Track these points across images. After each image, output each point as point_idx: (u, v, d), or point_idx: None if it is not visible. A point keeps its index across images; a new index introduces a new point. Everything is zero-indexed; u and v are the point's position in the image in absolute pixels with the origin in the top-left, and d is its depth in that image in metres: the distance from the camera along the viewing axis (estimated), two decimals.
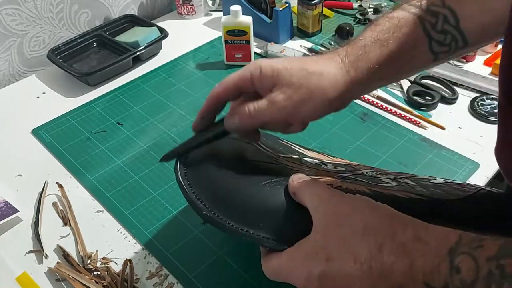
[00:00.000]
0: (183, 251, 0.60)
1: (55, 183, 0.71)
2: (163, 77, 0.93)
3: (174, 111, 0.84)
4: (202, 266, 0.59)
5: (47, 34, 0.99)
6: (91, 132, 0.81)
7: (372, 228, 0.39)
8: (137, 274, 0.58)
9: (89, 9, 1.03)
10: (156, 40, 0.97)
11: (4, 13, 0.90)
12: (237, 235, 0.45)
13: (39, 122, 0.83)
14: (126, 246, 0.62)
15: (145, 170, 0.73)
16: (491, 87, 0.84)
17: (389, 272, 0.37)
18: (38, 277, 0.59)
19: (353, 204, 0.42)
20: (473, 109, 0.81)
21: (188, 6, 1.10)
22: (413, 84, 0.87)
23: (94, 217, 0.66)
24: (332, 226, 0.41)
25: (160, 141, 0.78)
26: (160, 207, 0.66)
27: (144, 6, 1.13)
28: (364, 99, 0.84)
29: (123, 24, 1.04)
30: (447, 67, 0.90)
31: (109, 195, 0.69)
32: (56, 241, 0.63)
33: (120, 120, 0.83)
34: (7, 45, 0.93)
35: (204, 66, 0.96)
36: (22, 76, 0.98)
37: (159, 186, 0.70)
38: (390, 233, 0.38)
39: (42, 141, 0.79)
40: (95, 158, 0.75)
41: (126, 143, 0.78)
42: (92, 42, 1.00)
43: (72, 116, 0.85)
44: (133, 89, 0.91)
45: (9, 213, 0.65)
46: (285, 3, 0.97)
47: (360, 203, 0.42)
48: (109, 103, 0.87)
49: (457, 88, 0.85)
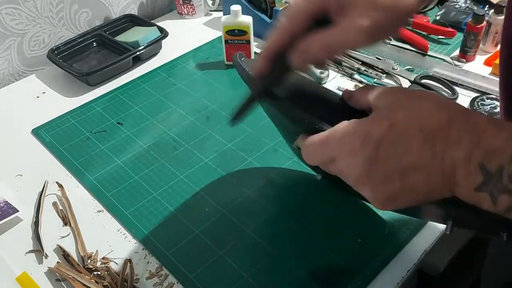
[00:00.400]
0: (183, 251, 0.60)
1: (55, 183, 0.71)
2: (163, 77, 0.93)
3: (174, 111, 0.84)
4: (202, 266, 0.59)
5: (47, 34, 0.99)
6: (91, 132, 0.81)
7: (447, 106, 0.37)
8: (137, 274, 0.58)
9: (89, 8, 1.03)
10: (156, 40, 0.97)
11: (4, 12, 0.90)
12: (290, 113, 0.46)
13: (39, 122, 0.83)
14: (126, 246, 0.62)
15: (145, 170, 0.73)
16: (491, 87, 0.84)
17: (450, 148, 0.35)
18: (38, 277, 0.59)
19: (423, 91, 0.40)
20: (473, 108, 0.80)
21: (188, 6, 1.10)
22: (413, 84, 0.87)
23: (94, 217, 0.66)
24: (401, 102, 0.38)
25: (160, 140, 0.78)
26: (160, 207, 0.66)
27: (144, 6, 1.13)
28: None
29: (123, 24, 1.04)
30: (447, 67, 0.90)
31: (109, 195, 0.69)
32: (56, 241, 0.63)
33: (120, 120, 0.83)
34: (7, 44, 0.93)
35: (204, 66, 0.96)
36: (22, 76, 0.98)
37: (159, 186, 0.70)
38: (465, 113, 0.37)
39: (42, 141, 0.79)
40: (95, 158, 0.75)
41: (126, 143, 0.78)
42: (92, 42, 1.00)
43: (72, 116, 0.85)
44: (133, 88, 0.91)
45: (9, 213, 0.65)
46: (285, 3, 0.97)
47: (430, 91, 0.40)
48: (109, 102, 0.87)
49: (457, 88, 0.85)
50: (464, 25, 0.94)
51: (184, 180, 0.70)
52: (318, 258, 0.59)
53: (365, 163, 0.38)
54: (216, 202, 0.66)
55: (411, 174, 0.37)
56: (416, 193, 0.38)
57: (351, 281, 0.56)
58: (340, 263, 0.58)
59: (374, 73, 0.89)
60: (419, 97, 0.39)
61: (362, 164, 0.38)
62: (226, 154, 0.74)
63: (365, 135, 0.38)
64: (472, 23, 0.89)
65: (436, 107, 0.37)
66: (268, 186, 0.69)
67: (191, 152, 0.75)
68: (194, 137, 0.78)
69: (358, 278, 0.56)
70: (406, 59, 0.93)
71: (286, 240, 0.61)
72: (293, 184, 0.69)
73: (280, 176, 0.70)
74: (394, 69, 0.90)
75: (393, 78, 0.89)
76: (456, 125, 0.36)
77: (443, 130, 0.36)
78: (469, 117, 0.36)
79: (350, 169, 0.40)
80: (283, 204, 0.66)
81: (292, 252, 0.59)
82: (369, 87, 0.45)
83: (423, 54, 0.95)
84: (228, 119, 0.48)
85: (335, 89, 0.87)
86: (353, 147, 0.38)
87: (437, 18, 1.02)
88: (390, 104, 0.39)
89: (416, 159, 0.36)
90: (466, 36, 0.90)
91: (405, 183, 0.37)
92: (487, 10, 0.99)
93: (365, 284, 0.56)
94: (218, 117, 0.82)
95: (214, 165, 0.72)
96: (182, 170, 0.72)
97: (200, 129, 0.80)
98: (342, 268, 0.57)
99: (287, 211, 0.65)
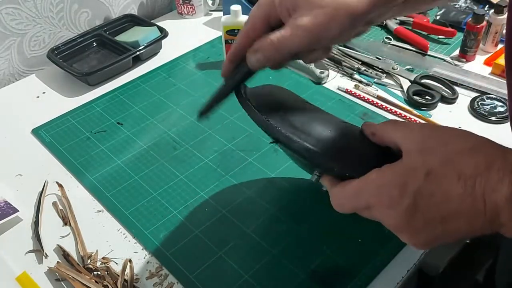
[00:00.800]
0: (183, 251, 0.60)
1: (55, 183, 0.71)
2: (163, 77, 0.93)
3: (174, 111, 0.84)
4: (202, 266, 0.59)
5: (47, 34, 0.99)
6: (91, 132, 0.81)
7: (482, 147, 0.37)
8: (137, 274, 0.58)
9: (89, 8, 1.03)
10: (156, 40, 0.97)
11: (4, 12, 0.90)
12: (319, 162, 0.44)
13: (39, 122, 0.83)
14: (126, 246, 0.62)
15: (145, 170, 0.73)
16: (491, 86, 0.84)
17: (491, 191, 0.35)
18: (38, 277, 0.59)
19: (454, 130, 0.39)
20: (473, 108, 0.80)
21: (188, 6, 1.10)
22: (413, 83, 0.87)
23: (94, 217, 0.66)
24: (433, 146, 0.38)
25: (160, 141, 0.78)
26: (160, 207, 0.66)
27: (144, 5, 1.13)
28: (364, 98, 0.84)
29: (123, 24, 1.04)
30: (447, 66, 0.90)
31: (109, 195, 0.69)
32: (56, 241, 0.63)
33: (120, 120, 0.83)
34: (7, 44, 0.93)
35: (204, 66, 0.96)
36: (22, 76, 0.98)
37: (159, 186, 0.70)
38: (501, 153, 0.36)
39: (42, 141, 0.79)
40: (95, 158, 0.75)
41: (126, 143, 0.78)
42: (92, 41, 1.00)
43: (72, 116, 0.85)
44: (133, 88, 0.91)
45: (9, 212, 0.65)
46: None
47: (461, 130, 0.39)
48: (109, 103, 0.87)
49: (457, 87, 0.85)
50: (464, 25, 0.94)
51: (184, 180, 0.70)
52: (318, 258, 0.59)
53: (404, 214, 0.38)
54: (216, 202, 0.66)
55: (453, 221, 0.37)
56: (458, 234, 0.38)
57: (351, 281, 0.56)
58: (340, 263, 0.58)
59: (374, 73, 0.89)
60: (450, 137, 0.38)
61: (401, 215, 0.38)
62: (226, 154, 0.74)
63: (401, 185, 0.37)
64: (472, 23, 0.89)
65: (471, 149, 0.37)
66: (268, 186, 0.69)
67: (191, 152, 0.75)
68: (194, 137, 0.78)
69: (358, 278, 0.56)
70: (406, 59, 0.93)
71: (286, 240, 0.61)
72: (293, 184, 0.69)
73: (280, 176, 0.70)
74: (394, 69, 0.90)
75: (393, 78, 0.89)
76: (494, 166, 0.35)
77: (482, 174, 0.35)
78: (507, 156, 0.36)
79: (388, 219, 0.39)
80: (283, 204, 0.66)
81: (292, 252, 0.59)
82: (393, 122, 0.44)
83: (423, 54, 0.95)
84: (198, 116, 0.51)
85: (335, 89, 0.87)
86: (391, 198, 0.38)
87: (437, 18, 1.02)
88: (422, 149, 0.38)
89: (457, 206, 0.36)
90: (466, 36, 0.90)
91: (447, 229, 0.37)
92: (487, 10, 0.99)
93: (365, 284, 0.56)
94: (218, 117, 0.82)
95: (214, 165, 0.72)
96: (182, 170, 0.72)
97: (200, 129, 0.80)
98: (342, 268, 0.57)
99: (287, 211, 0.65)
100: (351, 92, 0.86)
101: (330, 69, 0.91)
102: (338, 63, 0.92)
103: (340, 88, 0.87)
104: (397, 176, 0.38)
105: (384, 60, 0.92)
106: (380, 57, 0.93)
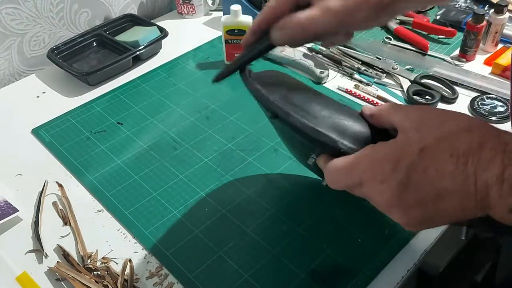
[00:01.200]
0: (183, 251, 0.60)
1: (55, 183, 0.71)
2: (163, 76, 0.93)
3: (174, 111, 0.84)
4: (202, 266, 0.59)
5: (47, 34, 0.99)
6: (91, 131, 0.81)
7: (476, 127, 0.37)
8: (137, 274, 0.58)
9: (89, 8, 1.03)
10: (156, 40, 0.97)
11: (4, 12, 0.90)
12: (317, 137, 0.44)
13: (39, 122, 0.83)
14: (126, 246, 0.62)
15: (145, 169, 0.73)
16: (491, 86, 0.84)
17: (482, 170, 0.35)
18: (38, 276, 0.59)
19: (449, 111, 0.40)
20: (473, 108, 0.80)
21: (188, 6, 1.10)
22: (413, 83, 0.87)
23: (94, 217, 0.66)
24: (429, 125, 0.38)
25: (160, 140, 0.78)
26: (160, 207, 0.66)
27: (144, 5, 1.13)
28: (364, 98, 0.84)
29: (123, 24, 1.04)
30: (447, 66, 0.90)
31: (109, 194, 0.69)
32: (56, 240, 0.63)
33: (120, 119, 0.83)
34: (7, 44, 0.93)
35: (204, 66, 0.96)
36: (22, 76, 0.98)
37: (159, 186, 0.70)
38: (495, 133, 0.36)
39: (42, 141, 0.79)
40: (95, 158, 0.75)
41: (126, 143, 0.78)
42: (92, 41, 1.00)
43: (72, 115, 0.85)
44: (133, 88, 0.91)
45: (9, 212, 0.65)
46: None
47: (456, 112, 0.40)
48: (109, 102, 0.87)
49: (457, 87, 0.85)
50: (464, 24, 0.94)
51: (184, 180, 0.70)
52: (318, 257, 0.59)
53: (396, 189, 0.38)
54: (216, 202, 0.66)
55: (444, 199, 0.37)
56: (449, 215, 0.38)
57: (351, 281, 0.56)
58: (340, 263, 0.58)
59: (374, 73, 0.89)
60: (446, 118, 0.39)
61: (393, 190, 0.38)
62: (226, 154, 0.74)
63: (395, 161, 0.37)
64: (472, 22, 0.89)
65: (466, 129, 0.37)
66: (268, 186, 0.69)
67: (191, 152, 0.75)
68: (194, 137, 0.78)
69: (358, 278, 0.56)
70: (406, 58, 0.93)
71: (286, 239, 0.61)
72: (293, 184, 0.69)
73: (280, 176, 0.70)
74: (394, 68, 0.90)
75: (393, 77, 0.89)
76: (487, 146, 0.35)
77: (475, 153, 0.35)
78: (499, 136, 0.36)
79: (380, 195, 0.39)
80: (283, 204, 0.66)
81: (292, 251, 0.60)
82: (392, 105, 0.44)
83: (423, 53, 0.95)
84: (213, 80, 0.52)
85: (335, 89, 0.87)
86: (384, 173, 0.38)
87: (437, 17, 1.02)
88: (417, 127, 0.39)
89: (449, 183, 0.36)
90: (466, 36, 0.90)
91: (438, 207, 0.37)
92: (487, 10, 0.99)
93: (365, 283, 0.56)
94: (218, 117, 0.82)
95: (214, 165, 0.72)
96: (182, 170, 0.72)
97: (200, 129, 0.80)
98: (342, 267, 0.57)
99: (287, 210, 0.65)
100: (351, 92, 0.86)
101: (330, 69, 0.91)
102: (338, 63, 0.92)
103: (340, 88, 0.87)
104: (391, 151, 0.38)
105: (384, 60, 0.92)
106: (380, 57, 0.93)
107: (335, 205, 0.64)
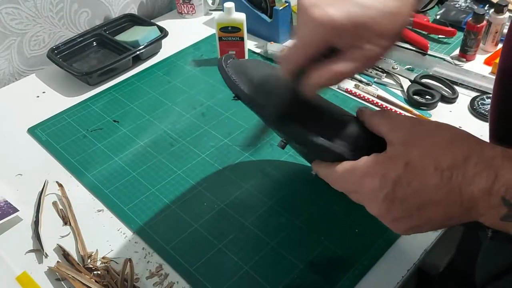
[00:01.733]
0: (183, 245, 0.61)
1: (55, 183, 0.71)
2: (158, 74, 0.94)
3: (170, 108, 0.85)
4: (202, 259, 0.59)
5: (47, 33, 0.99)
6: (87, 130, 0.81)
7: (461, 140, 0.39)
8: (137, 273, 0.58)
9: (89, 8, 1.03)
10: (156, 40, 0.97)
11: (4, 12, 0.90)
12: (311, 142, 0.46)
13: (39, 122, 0.83)
14: (126, 246, 0.62)
15: (143, 166, 0.73)
16: (491, 86, 0.84)
17: (468, 184, 0.36)
18: (38, 276, 0.59)
19: (436, 123, 0.41)
20: (473, 108, 0.80)
21: (188, 5, 1.10)
22: (413, 83, 0.87)
23: (94, 217, 0.66)
24: (414, 138, 0.40)
25: (157, 137, 0.78)
26: (159, 203, 0.67)
27: (144, 5, 1.13)
28: (364, 98, 0.84)
29: (123, 23, 1.04)
30: (447, 66, 0.90)
31: (107, 191, 0.69)
32: (56, 240, 0.63)
33: (116, 117, 0.83)
34: (7, 44, 0.93)
35: (198, 63, 0.96)
36: (22, 76, 0.98)
37: (157, 182, 0.70)
38: (479, 147, 0.37)
39: (38, 140, 0.79)
40: (92, 156, 0.75)
41: (123, 140, 0.78)
42: (92, 41, 1.00)
43: (68, 114, 0.85)
44: (128, 86, 0.91)
45: (9, 212, 0.65)
46: (285, 2, 0.97)
47: (443, 124, 0.41)
48: (105, 101, 0.87)
49: (457, 87, 0.85)
50: (464, 24, 0.94)
51: (182, 175, 0.71)
52: (316, 249, 0.59)
53: (384, 202, 0.40)
54: (214, 196, 0.67)
55: (429, 208, 0.39)
56: (435, 223, 0.40)
57: (349, 271, 0.57)
58: (338, 254, 0.59)
59: (374, 73, 0.89)
60: (432, 132, 0.40)
61: (381, 203, 0.40)
62: (222, 149, 0.75)
63: (382, 175, 0.40)
64: (472, 22, 0.89)
65: (450, 142, 0.38)
66: (265, 180, 0.69)
67: (187, 148, 0.75)
68: (190, 133, 0.78)
69: (356, 267, 0.57)
70: (406, 58, 0.93)
71: (284, 231, 0.62)
72: (290, 177, 0.70)
73: (276, 169, 0.71)
74: (394, 68, 0.90)
75: (393, 77, 0.89)
76: (471, 160, 0.36)
77: (459, 167, 0.37)
78: (484, 151, 0.37)
79: (371, 206, 0.42)
80: (280, 197, 0.66)
81: (290, 243, 0.60)
82: (381, 114, 0.45)
83: (423, 53, 0.95)
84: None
85: (336, 89, 0.87)
86: (372, 187, 0.40)
87: (437, 17, 1.02)
88: (404, 141, 0.40)
89: (433, 195, 0.38)
90: (466, 36, 0.90)
91: (424, 216, 0.39)
92: (487, 10, 0.99)
93: (363, 273, 0.57)
94: (213, 113, 0.82)
95: (211, 161, 0.73)
96: (180, 166, 0.72)
97: (196, 125, 0.80)
98: (340, 258, 0.58)
99: (285, 203, 0.65)
100: (351, 91, 0.86)
101: None
102: None
103: (340, 87, 0.87)
104: (379, 166, 0.40)
105: (384, 60, 0.92)
106: None
107: (332, 197, 0.65)
